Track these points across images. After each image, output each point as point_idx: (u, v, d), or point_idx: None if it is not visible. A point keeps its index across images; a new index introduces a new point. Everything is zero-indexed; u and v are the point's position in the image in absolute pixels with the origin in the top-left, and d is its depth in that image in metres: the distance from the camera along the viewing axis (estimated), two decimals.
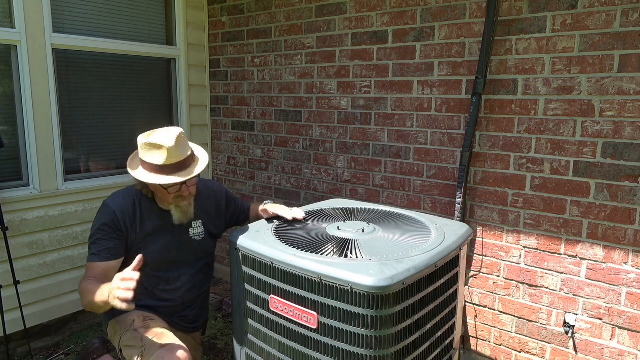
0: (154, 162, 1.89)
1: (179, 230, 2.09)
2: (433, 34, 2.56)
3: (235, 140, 3.72)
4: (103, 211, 1.98)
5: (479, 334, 2.62)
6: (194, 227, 2.14)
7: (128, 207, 1.99)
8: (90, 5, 3.04)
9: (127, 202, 2.00)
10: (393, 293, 1.51)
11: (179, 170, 1.91)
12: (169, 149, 1.87)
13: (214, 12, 3.68)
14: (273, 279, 1.75)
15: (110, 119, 3.25)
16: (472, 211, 2.54)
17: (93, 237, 1.95)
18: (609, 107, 2.09)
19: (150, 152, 1.90)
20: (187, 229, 2.13)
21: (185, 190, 1.98)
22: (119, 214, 1.95)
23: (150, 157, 1.90)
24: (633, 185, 2.06)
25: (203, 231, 2.17)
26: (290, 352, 1.74)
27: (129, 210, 1.98)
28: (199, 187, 2.15)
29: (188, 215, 2.06)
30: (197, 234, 2.15)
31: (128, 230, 1.97)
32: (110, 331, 2.05)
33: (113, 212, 1.95)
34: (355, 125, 2.96)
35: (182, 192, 1.97)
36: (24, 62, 2.68)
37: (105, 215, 1.95)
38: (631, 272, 2.10)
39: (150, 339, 1.83)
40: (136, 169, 1.96)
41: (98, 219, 1.97)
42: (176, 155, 1.90)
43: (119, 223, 1.94)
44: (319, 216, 2.24)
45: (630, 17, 2.00)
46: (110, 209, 1.96)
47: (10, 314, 2.64)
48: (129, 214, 1.98)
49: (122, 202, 1.99)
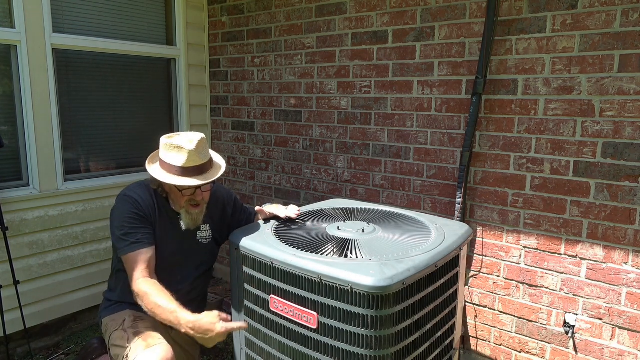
0: (173, 163, 1.90)
1: (188, 233, 2.08)
2: (433, 34, 2.56)
3: (235, 140, 3.72)
4: (125, 201, 1.95)
5: (479, 334, 2.62)
6: (202, 230, 2.14)
7: (148, 199, 1.99)
8: (90, 5, 3.04)
9: (146, 194, 2.00)
10: (393, 293, 1.51)
11: (196, 174, 1.92)
12: (190, 151, 1.89)
13: (214, 12, 3.68)
14: (273, 279, 1.75)
15: (110, 119, 3.25)
16: (472, 211, 2.54)
17: (123, 227, 1.90)
18: (609, 107, 2.09)
19: (170, 153, 1.91)
20: (196, 232, 2.12)
21: (199, 195, 1.97)
22: (142, 203, 1.95)
23: (171, 157, 1.91)
24: (633, 185, 2.06)
25: (210, 235, 2.17)
26: (290, 352, 1.74)
27: (149, 202, 1.99)
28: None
29: (197, 222, 2.05)
30: (204, 237, 2.15)
31: (152, 219, 1.97)
32: (104, 328, 2.05)
33: (136, 201, 1.94)
34: (355, 125, 2.96)
35: (195, 196, 1.97)
36: (24, 62, 2.68)
37: (130, 205, 1.93)
38: (631, 272, 2.10)
39: (136, 340, 1.82)
40: (155, 168, 1.97)
41: (122, 210, 1.94)
42: (195, 159, 1.91)
43: (144, 210, 1.94)
44: (319, 216, 2.24)
45: (630, 17, 2.00)
46: (133, 198, 1.95)
47: (10, 314, 2.64)
48: (150, 205, 1.98)
49: (142, 193, 1.99)
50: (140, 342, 1.80)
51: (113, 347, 1.89)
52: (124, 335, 1.87)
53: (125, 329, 1.90)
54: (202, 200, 2.01)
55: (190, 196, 1.96)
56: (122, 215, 1.93)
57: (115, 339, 1.89)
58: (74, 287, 3.02)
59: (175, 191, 1.96)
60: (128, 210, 1.93)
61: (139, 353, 1.75)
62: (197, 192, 1.97)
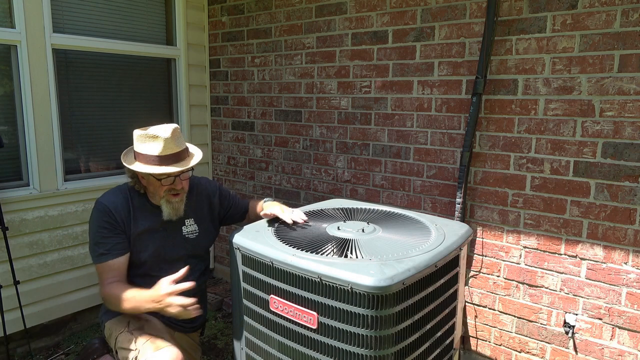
0: (150, 153, 1.89)
1: (172, 229, 2.08)
2: (433, 34, 2.56)
3: (235, 140, 3.72)
4: (98, 209, 1.96)
5: (479, 334, 2.62)
6: (187, 226, 2.14)
7: (121, 204, 1.98)
8: (90, 5, 3.04)
9: (119, 198, 1.99)
10: (393, 293, 1.51)
11: (173, 162, 1.92)
12: (166, 139, 1.89)
13: (214, 12, 3.68)
14: (273, 279, 1.75)
15: (110, 119, 3.25)
16: (472, 211, 2.54)
17: (95, 237, 1.93)
18: (609, 107, 2.09)
19: (145, 143, 1.90)
20: (180, 227, 2.12)
21: (179, 184, 1.97)
22: (113, 210, 1.94)
23: (146, 148, 1.90)
24: (633, 185, 2.06)
25: (196, 229, 2.16)
26: (290, 352, 1.74)
27: (122, 207, 1.97)
28: (191, 184, 2.14)
29: (178, 212, 2.04)
30: (191, 232, 2.14)
31: (124, 225, 1.96)
32: (107, 332, 2.03)
33: (107, 209, 1.94)
34: (355, 125, 2.96)
35: (175, 184, 1.96)
36: (24, 62, 2.69)
37: (101, 213, 1.94)
38: (631, 272, 2.10)
39: (144, 342, 1.82)
40: (131, 162, 1.96)
41: (94, 219, 1.95)
42: (172, 147, 1.91)
43: (115, 218, 1.94)
44: (319, 216, 2.24)
45: (630, 17, 2.00)
46: (104, 205, 1.94)
47: (10, 314, 2.64)
48: (123, 210, 1.97)
49: (114, 199, 1.98)
50: (148, 345, 1.80)
51: (120, 350, 1.88)
52: (130, 338, 1.86)
53: (131, 331, 1.89)
54: (182, 190, 2.01)
55: (170, 185, 1.95)
56: (93, 224, 1.95)
57: (121, 341, 1.88)
58: (74, 287, 3.02)
59: (153, 182, 1.95)
60: (99, 220, 1.93)
61: (148, 356, 1.75)
62: (177, 181, 1.96)
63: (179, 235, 2.11)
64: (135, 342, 1.83)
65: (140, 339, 1.84)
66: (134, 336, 1.86)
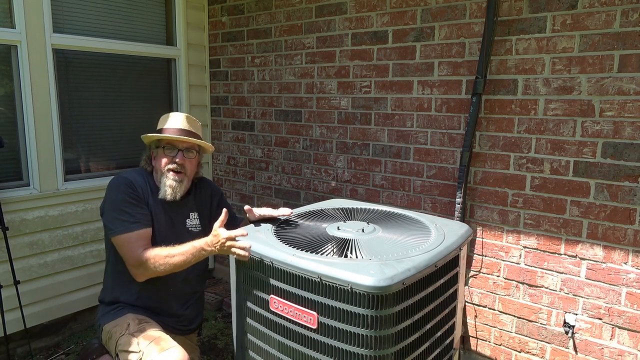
0: (169, 126, 2.08)
1: (177, 218, 2.10)
2: (433, 34, 2.56)
3: (235, 140, 3.72)
4: (120, 182, 1.98)
5: (479, 334, 2.62)
6: (191, 219, 2.16)
7: (141, 181, 2.05)
8: (90, 5, 3.04)
9: (137, 176, 2.06)
10: (393, 293, 1.51)
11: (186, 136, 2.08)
12: (187, 116, 2.14)
13: (214, 12, 3.68)
14: (273, 279, 1.75)
15: (110, 119, 3.26)
16: (472, 211, 2.54)
17: (122, 206, 1.92)
18: (608, 107, 2.09)
19: (168, 119, 2.11)
20: (185, 219, 2.14)
21: (181, 158, 2.04)
22: (136, 184, 2.00)
23: (167, 121, 2.10)
24: (633, 185, 2.06)
25: (199, 224, 2.18)
26: (290, 352, 1.74)
27: (142, 184, 2.04)
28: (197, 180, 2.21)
29: (175, 192, 2.05)
30: (194, 225, 2.17)
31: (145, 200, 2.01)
32: (105, 336, 1.99)
33: (131, 182, 1.99)
34: (355, 125, 2.96)
35: (177, 157, 2.03)
36: (24, 62, 2.69)
37: (125, 186, 1.97)
38: (631, 272, 2.10)
39: (148, 344, 1.80)
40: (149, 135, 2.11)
41: (119, 190, 1.95)
42: (188, 126, 2.11)
43: (138, 192, 1.98)
44: (319, 216, 2.24)
45: (630, 17, 2.00)
46: (127, 179, 2.00)
47: (11, 314, 2.64)
48: (143, 188, 2.03)
49: (134, 175, 2.06)
50: (152, 346, 1.78)
51: (122, 353, 1.86)
52: (132, 340, 1.84)
53: (132, 333, 1.87)
54: (182, 167, 2.05)
55: (172, 157, 2.03)
56: (115, 196, 1.95)
57: (123, 344, 1.86)
58: (74, 287, 3.02)
59: (159, 159, 2.05)
60: (124, 190, 1.95)
61: (153, 357, 1.73)
62: (179, 155, 2.04)
63: (183, 226, 2.13)
64: (137, 344, 1.82)
65: (142, 340, 1.83)
66: (135, 338, 1.84)
